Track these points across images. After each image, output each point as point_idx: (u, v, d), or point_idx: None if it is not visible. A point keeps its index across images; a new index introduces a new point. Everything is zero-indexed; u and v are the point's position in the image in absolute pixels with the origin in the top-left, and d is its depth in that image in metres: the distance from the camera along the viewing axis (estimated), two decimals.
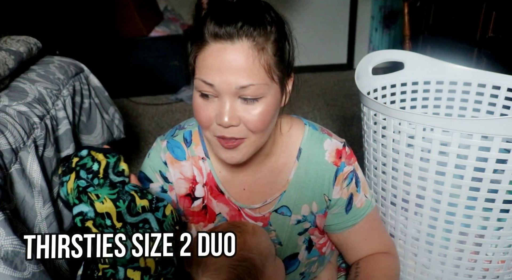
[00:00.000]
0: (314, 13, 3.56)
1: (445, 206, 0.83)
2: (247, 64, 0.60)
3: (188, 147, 0.78)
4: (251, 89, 0.61)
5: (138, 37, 3.08)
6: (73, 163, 0.62)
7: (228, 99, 0.62)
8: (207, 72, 0.62)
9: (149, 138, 2.47)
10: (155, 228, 0.62)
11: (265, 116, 0.64)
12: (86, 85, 1.61)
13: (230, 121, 0.62)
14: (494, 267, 0.87)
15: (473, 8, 1.74)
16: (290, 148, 0.78)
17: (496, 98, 1.06)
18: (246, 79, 0.60)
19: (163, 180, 0.78)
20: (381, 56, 1.09)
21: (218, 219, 0.79)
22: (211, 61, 0.61)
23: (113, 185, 0.62)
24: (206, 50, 0.62)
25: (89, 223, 0.58)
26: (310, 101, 2.97)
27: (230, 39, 0.60)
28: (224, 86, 0.61)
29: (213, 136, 0.67)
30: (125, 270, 0.59)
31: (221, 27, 0.60)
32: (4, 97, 1.14)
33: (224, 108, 0.62)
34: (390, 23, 3.75)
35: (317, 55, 3.71)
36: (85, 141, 1.50)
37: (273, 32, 0.63)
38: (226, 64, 0.60)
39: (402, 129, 0.82)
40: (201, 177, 0.78)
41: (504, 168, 0.75)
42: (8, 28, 1.79)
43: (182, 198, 0.79)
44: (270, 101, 0.64)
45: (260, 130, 0.65)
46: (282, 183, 0.77)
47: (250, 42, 0.60)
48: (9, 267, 0.70)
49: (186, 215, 0.81)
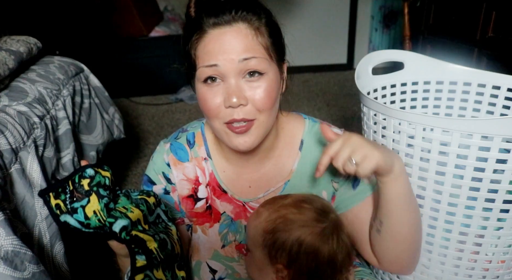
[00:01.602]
0: (314, 13, 3.56)
1: (445, 206, 0.83)
2: (247, 40, 0.64)
3: (191, 148, 0.80)
4: (253, 62, 0.64)
5: (138, 37, 3.08)
6: (85, 185, 0.58)
7: (233, 79, 0.64)
8: (209, 56, 0.64)
9: (149, 138, 2.47)
10: (165, 219, 0.67)
11: (270, 93, 0.67)
12: (86, 85, 1.61)
13: (239, 100, 0.64)
14: (494, 267, 0.87)
15: (473, 8, 1.74)
16: (292, 141, 0.79)
17: (496, 98, 1.06)
18: (247, 53, 0.64)
19: (166, 181, 0.79)
20: (381, 56, 1.09)
21: (223, 218, 0.80)
22: (212, 45, 0.64)
23: (124, 194, 0.63)
24: (206, 38, 0.65)
25: (134, 232, 0.59)
26: (310, 101, 2.97)
27: (229, 24, 0.64)
28: (227, 64, 0.63)
29: (222, 124, 0.67)
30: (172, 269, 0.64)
31: (218, 16, 0.64)
32: (4, 97, 1.14)
33: (230, 88, 0.64)
34: (390, 23, 3.74)
35: (317, 55, 3.71)
36: (85, 140, 1.50)
37: (263, 17, 0.67)
38: (227, 44, 0.63)
39: (402, 129, 0.82)
40: (204, 178, 0.79)
41: (504, 168, 0.75)
42: (8, 28, 1.80)
43: (184, 199, 0.80)
44: (272, 78, 0.67)
45: (268, 108, 0.67)
46: (286, 174, 0.79)
47: (246, 24, 0.65)
48: (9, 267, 0.70)
49: (190, 217, 0.81)
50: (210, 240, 0.81)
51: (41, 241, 0.93)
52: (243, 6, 0.65)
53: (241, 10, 0.64)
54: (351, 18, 3.71)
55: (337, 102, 2.96)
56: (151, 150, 2.30)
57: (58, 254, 0.96)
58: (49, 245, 0.94)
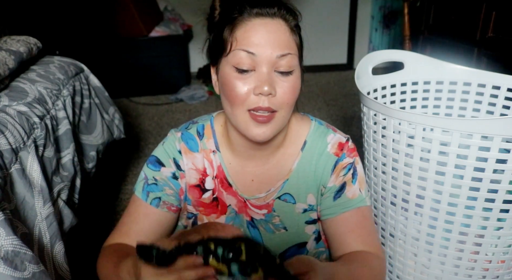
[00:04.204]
0: (314, 13, 3.56)
1: (445, 206, 0.83)
2: (285, 36, 0.68)
3: (201, 140, 0.82)
4: (287, 58, 0.68)
5: (138, 37, 3.08)
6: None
7: (266, 69, 0.67)
8: (249, 42, 0.67)
9: (149, 138, 2.47)
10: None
11: (295, 90, 0.70)
12: (86, 85, 1.61)
13: (270, 89, 0.66)
14: (494, 267, 0.87)
15: (473, 8, 1.74)
16: (296, 141, 0.81)
17: (496, 98, 1.06)
18: (284, 49, 0.67)
19: (176, 167, 0.80)
20: (381, 56, 1.09)
21: (229, 210, 0.81)
22: (253, 32, 0.67)
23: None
24: (248, 24, 0.68)
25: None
26: (310, 101, 2.97)
27: (270, 17, 0.68)
28: (265, 55, 0.67)
29: (245, 112, 0.69)
30: None
31: (262, 8, 0.68)
32: (4, 97, 1.14)
33: (263, 77, 0.67)
34: (390, 23, 3.74)
35: (317, 55, 3.71)
36: (85, 140, 1.50)
37: (296, 19, 0.72)
38: (267, 36, 0.67)
39: (402, 129, 0.83)
40: (211, 170, 0.81)
41: (504, 168, 0.75)
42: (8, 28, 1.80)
43: (192, 188, 0.81)
44: (298, 75, 0.71)
45: (290, 104, 0.70)
46: (285, 172, 0.80)
47: (284, 21, 0.69)
48: (9, 267, 0.70)
49: (196, 206, 0.82)
50: None
51: (41, 241, 0.93)
52: (284, 5, 0.70)
53: (282, 8, 0.69)
54: (351, 18, 3.71)
55: (337, 102, 2.96)
56: (151, 150, 2.30)
57: (58, 254, 0.96)
58: (49, 245, 0.94)
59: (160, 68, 3.18)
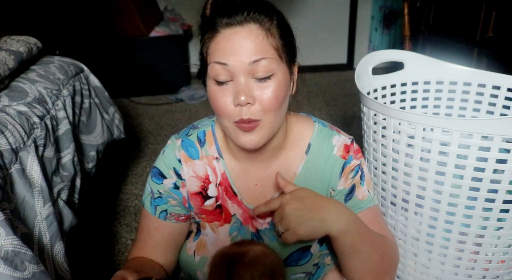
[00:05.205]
0: (314, 13, 3.56)
1: (445, 206, 0.83)
2: (257, 41, 0.66)
3: (202, 147, 0.81)
4: (263, 63, 0.66)
5: (138, 37, 3.08)
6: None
7: (242, 78, 0.66)
8: (220, 54, 0.66)
9: (149, 138, 2.47)
10: None
11: (278, 93, 0.68)
12: (86, 85, 1.61)
13: (247, 99, 0.66)
14: (494, 267, 0.87)
15: (473, 8, 1.74)
16: (300, 143, 0.80)
17: (496, 98, 1.06)
18: (257, 54, 0.65)
19: (177, 176, 0.80)
20: (381, 56, 1.09)
21: (233, 220, 0.81)
22: (223, 43, 0.66)
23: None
24: (218, 37, 0.67)
25: None
26: (310, 101, 2.97)
27: (240, 24, 0.66)
28: (237, 64, 0.65)
29: (232, 123, 0.69)
30: None
31: (231, 17, 0.66)
32: (4, 97, 1.14)
33: (239, 87, 0.66)
34: (390, 23, 3.75)
35: (317, 55, 3.71)
36: (85, 140, 1.50)
37: (275, 18, 0.69)
38: (238, 44, 0.65)
39: (402, 129, 0.82)
40: (214, 177, 0.80)
41: (504, 168, 0.75)
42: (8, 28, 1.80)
43: (193, 196, 0.81)
44: (281, 78, 0.69)
45: (274, 109, 0.69)
46: (289, 176, 0.79)
47: (257, 25, 0.67)
48: (9, 267, 0.70)
49: (199, 213, 0.82)
50: (219, 239, 0.81)
51: (41, 241, 0.93)
52: (255, 7, 0.67)
53: (253, 12, 0.66)
54: (351, 18, 3.71)
55: (337, 102, 2.96)
56: (151, 149, 2.30)
57: (58, 254, 0.96)
58: (49, 245, 0.94)
59: (160, 68, 3.18)
